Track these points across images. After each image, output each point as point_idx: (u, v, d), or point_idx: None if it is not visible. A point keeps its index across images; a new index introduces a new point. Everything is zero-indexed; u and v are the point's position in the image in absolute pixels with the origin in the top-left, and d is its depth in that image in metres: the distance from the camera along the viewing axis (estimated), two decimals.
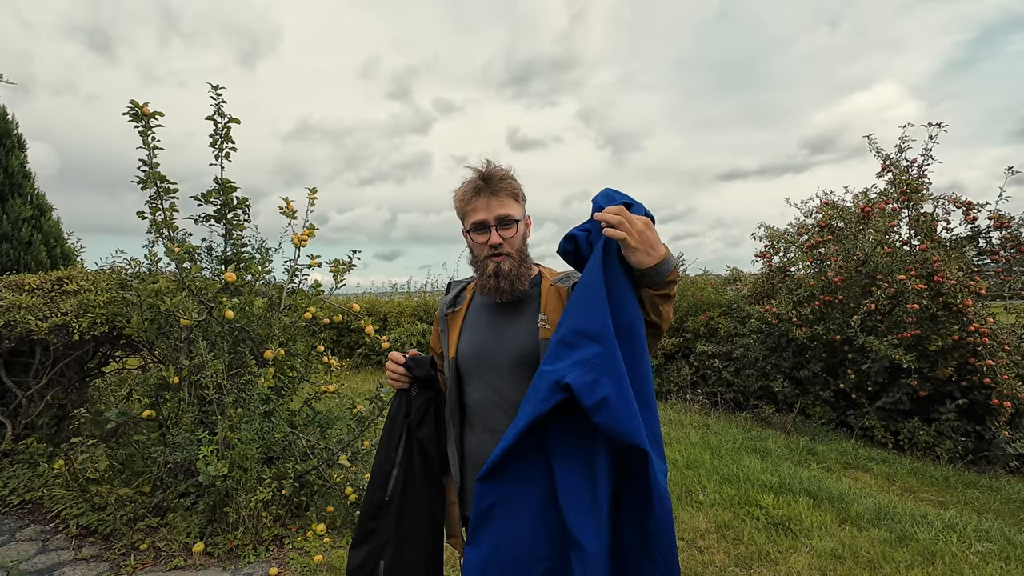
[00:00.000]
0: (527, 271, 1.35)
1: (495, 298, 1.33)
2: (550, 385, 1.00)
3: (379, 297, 10.96)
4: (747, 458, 4.32)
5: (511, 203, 1.33)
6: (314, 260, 3.32)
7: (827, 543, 2.91)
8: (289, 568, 2.67)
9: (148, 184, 2.89)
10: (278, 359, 3.16)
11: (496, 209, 1.31)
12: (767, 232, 6.52)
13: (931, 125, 5.05)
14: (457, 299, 1.46)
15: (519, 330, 1.31)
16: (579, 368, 0.98)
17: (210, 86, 3.03)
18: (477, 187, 1.32)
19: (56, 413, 3.84)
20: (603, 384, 0.96)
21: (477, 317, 1.39)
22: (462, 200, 1.35)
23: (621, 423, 0.95)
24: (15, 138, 5.74)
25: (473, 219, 1.33)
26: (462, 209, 1.36)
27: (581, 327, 1.02)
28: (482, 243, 1.32)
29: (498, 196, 1.31)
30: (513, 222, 1.32)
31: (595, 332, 1.00)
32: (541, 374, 1.03)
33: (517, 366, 1.28)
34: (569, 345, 1.01)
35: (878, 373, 4.99)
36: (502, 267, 1.30)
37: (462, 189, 1.36)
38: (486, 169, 1.34)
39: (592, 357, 0.98)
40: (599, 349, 0.99)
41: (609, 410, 0.95)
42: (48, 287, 3.69)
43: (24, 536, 2.95)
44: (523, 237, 1.38)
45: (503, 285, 1.30)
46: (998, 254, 4.85)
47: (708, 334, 6.68)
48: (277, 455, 3.12)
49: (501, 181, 1.32)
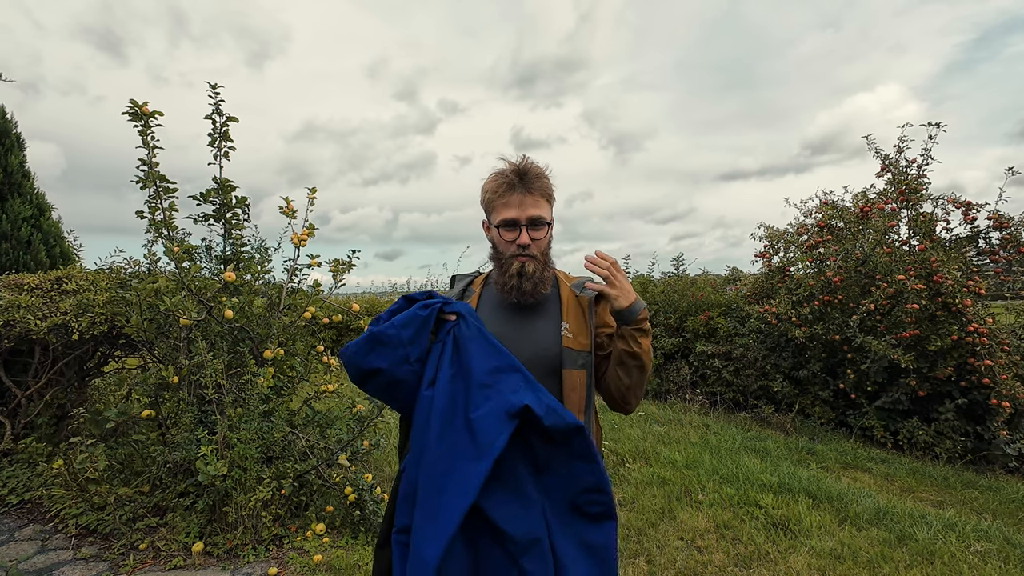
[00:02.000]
0: (549, 274, 1.34)
1: (516, 298, 1.30)
2: (500, 418, 1.07)
3: (379, 297, 10.95)
4: (746, 458, 4.32)
5: (544, 204, 1.29)
6: (314, 260, 3.32)
7: (826, 543, 2.91)
8: (288, 568, 2.67)
9: (147, 184, 2.89)
10: (277, 359, 3.16)
11: (529, 208, 1.27)
12: (767, 232, 6.53)
13: (930, 125, 5.06)
14: (464, 294, 1.42)
15: (538, 332, 1.30)
16: (519, 392, 1.09)
17: (208, 85, 3.03)
18: (511, 182, 1.27)
19: (55, 413, 3.84)
20: (541, 398, 1.10)
21: (489, 314, 1.35)
22: (494, 192, 1.29)
23: (565, 417, 1.09)
24: (14, 137, 5.73)
25: (504, 215, 1.28)
26: (492, 202, 1.31)
27: (491, 366, 1.13)
28: (510, 241, 1.29)
29: (532, 195, 1.27)
30: (544, 224, 1.30)
31: (506, 365, 1.13)
32: (476, 420, 1.08)
33: (534, 367, 1.25)
34: (488, 385, 1.11)
35: (877, 373, 4.99)
36: (527, 268, 1.28)
37: (494, 181, 1.30)
38: (522, 164, 1.29)
39: (518, 382, 1.11)
40: (519, 376, 1.12)
41: (554, 413, 1.08)
42: (47, 287, 3.69)
43: (23, 536, 2.94)
44: (549, 240, 1.35)
45: (526, 286, 1.28)
46: (997, 254, 4.85)
47: (708, 334, 6.68)
48: (276, 455, 3.11)
49: (537, 180, 1.28)
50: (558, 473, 1.12)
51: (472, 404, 1.10)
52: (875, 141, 5.48)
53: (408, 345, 1.15)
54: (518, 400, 1.07)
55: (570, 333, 1.28)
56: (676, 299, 7.05)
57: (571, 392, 1.26)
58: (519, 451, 1.10)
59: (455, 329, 1.17)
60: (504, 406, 1.07)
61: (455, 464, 1.06)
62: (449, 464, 1.06)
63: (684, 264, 7.81)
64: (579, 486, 1.11)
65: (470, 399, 1.11)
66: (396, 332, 1.15)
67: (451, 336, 1.17)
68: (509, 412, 1.07)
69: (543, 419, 1.07)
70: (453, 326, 1.18)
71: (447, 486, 1.04)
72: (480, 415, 1.08)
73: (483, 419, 1.07)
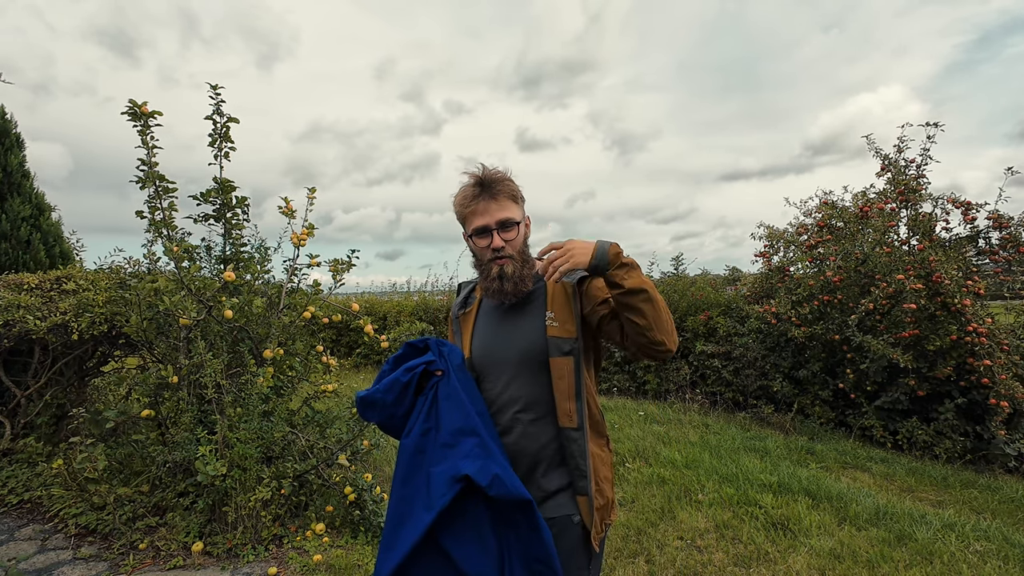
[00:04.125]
0: (529, 271, 1.37)
1: (501, 299, 1.36)
2: (447, 480, 1.19)
3: (378, 297, 10.96)
4: (746, 458, 4.33)
5: (511, 205, 1.34)
6: (313, 260, 3.32)
7: (826, 542, 2.91)
8: (288, 567, 2.67)
9: (147, 183, 2.89)
10: (277, 358, 3.16)
11: (496, 213, 1.32)
12: (766, 232, 6.53)
13: (929, 125, 5.06)
14: (467, 300, 1.49)
15: (525, 328, 1.34)
16: (468, 460, 1.20)
17: (209, 86, 3.03)
18: (475, 193, 1.33)
19: (55, 412, 3.84)
20: (489, 465, 1.19)
21: (487, 318, 1.43)
22: (462, 205, 1.36)
23: (510, 489, 1.17)
24: (14, 137, 5.73)
25: (474, 224, 1.34)
26: (462, 213, 1.38)
27: (456, 427, 1.25)
28: (484, 247, 1.34)
29: (497, 199, 1.33)
30: (514, 224, 1.34)
31: (468, 428, 1.24)
32: (433, 475, 1.22)
33: (524, 363, 1.32)
34: (450, 445, 1.24)
35: (877, 373, 4.99)
36: (505, 269, 1.33)
37: (461, 194, 1.37)
38: (483, 173, 1.34)
39: (473, 447, 1.22)
40: (476, 440, 1.23)
41: (500, 483, 1.17)
42: (47, 286, 3.69)
43: (23, 535, 2.94)
44: (524, 238, 1.40)
45: (507, 287, 1.33)
46: (997, 254, 4.85)
47: (707, 334, 6.68)
48: (276, 455, 3.12)
49: (499, 183, 1.33)
50: (518, 534, 1.20)
51: (434, 459, 1.25)
52: (875, 141, 5.49)
53: (393, 406, 1.32)
54: (463, 467, 1.19)
55: (555, 322, 1.30)
56: (676, 299, 7.05)
57: (559, 380, 1.29)
58: (484, 503, 1.21)
59: (438, 385, 1.32)
60: (452, 470, 1.20)
61: (413, 508, 1.22)
62: (408, 507, 1.23)
63: (684, 264, 7.81)
64: (530, 552, 1.19)
65: (434, 454, 1.25)
66: (382, 396, 1.32)
67: (433, 391, 1.31)
68: (454, 477, 1.19)
69: (486, 489, 1.17)
70: (437, 382, 1.32)
71: (404, 523, 1.21)
72: (437, 471, 1.22)
73: (437, 476, 1.21)
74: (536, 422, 1.32)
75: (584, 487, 1.28)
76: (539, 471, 1.32)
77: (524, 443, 1.31)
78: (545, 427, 1.32)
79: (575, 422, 1.29)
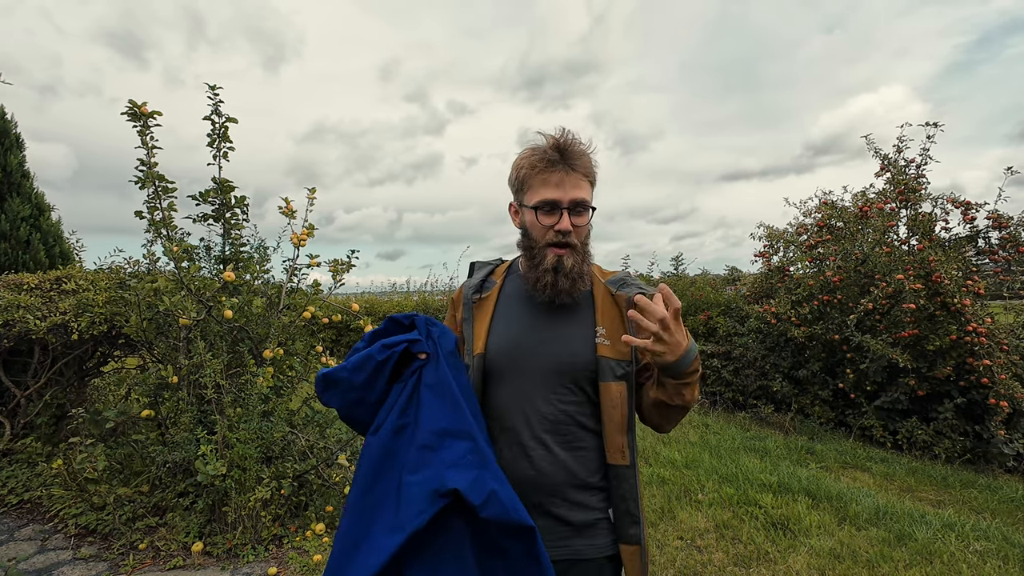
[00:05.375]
0: (588, 269, 1.15)
1: (550, 296, 1.12)
2: (427, 495, 0.93)
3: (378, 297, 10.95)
4: (746, 457, 4.33)
5: (587, 186, 1.12)
6: (313, 260, 3.32)
7: (826, 542, 2.91)
8: (288, 568, 2.67)
9: (146, 184, 2.89)
10: (277, 358, 3.16)
11: (572, 190, 1.09)
12: (766, 232, 6.53)
13: (928, 125, 5.06)
14: (484, 284, 1.25)
15: (567, 336, 1.13)
16: (457, 470, 0.95)
17: (207, 86, 3.03)
18: (552, 158, 1.09)
19: (55, 412, 3.83)
20: (484, 478, 0.95)
21: (512, 310, 1.18)
22: (531, 168, 1.11)
23: (509, 511, 0.94)
24: (14, 137, 5.72)
25: (543, 195, 1.10)
26: (528, 180, 1.12)
27: (440, 426, 0.99)
28: (548, 226, 1.10)
29: (575, 174, 1.10)
30: (588, 209, 1.13)
31: (459, 430, 0.99)
32: (408, 485, 0.96)
33: (557, 376, 1.10)
34: (431, 448, 0.97)
35: (876, 372, 5.00)
36: (564, 262, 1.09)
37: (532, 156, 1.12)
38: (563, 138, 1.10)
39: (465, 454, 0.97)
40: (469, 445, 0.98)
41: (497, 502, 0.93)
42: (47, 286, 3.68)
43: (23, 535, 2.94)
44: (590, 231, 1.17)
45: (562, 284, 1.10)
46: (996, 254, 4.86)
47: (707, 333, 6.69)
48: (276, 455, 3.11)
49: (581, 157, 1.10)
50: (507, 564, 0.96)
51: (409, 465, 0.97)
52: (874, 141, 5.50)
53: (361, 389, 1.04)
54: (452, 479, 0.94)
55: (606, 340, 1.10)
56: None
57: (612, 410, 1.09)
58: (466, 524, 0.97)
59: (422, 371, 1.04)
60: (435, 482, 0.94)
61: (373, 528, 0.96)
62: (367, 528, 0.96)
63: (684, 264, 7.82)
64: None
65: (409, 458, 0.98)
66: (348, 376, 1.04)
67: (415, 379, 1.04)
68: (438, 491, 0.93)
69: (479, 508, 0.92)
70: (421, 367, 1.04)
71: (360, 546, 0.95)
72: (413, 481, 0.96)
73: (413, 488, 0.95)
74: (574, 451, 1.10)
75: (636, 535, 1.08)
76: (556, 500, 1.10)
77: (551, 470, 1.09)
78: (585, 460, 1.11)
79: (627, 459, 1.09)
